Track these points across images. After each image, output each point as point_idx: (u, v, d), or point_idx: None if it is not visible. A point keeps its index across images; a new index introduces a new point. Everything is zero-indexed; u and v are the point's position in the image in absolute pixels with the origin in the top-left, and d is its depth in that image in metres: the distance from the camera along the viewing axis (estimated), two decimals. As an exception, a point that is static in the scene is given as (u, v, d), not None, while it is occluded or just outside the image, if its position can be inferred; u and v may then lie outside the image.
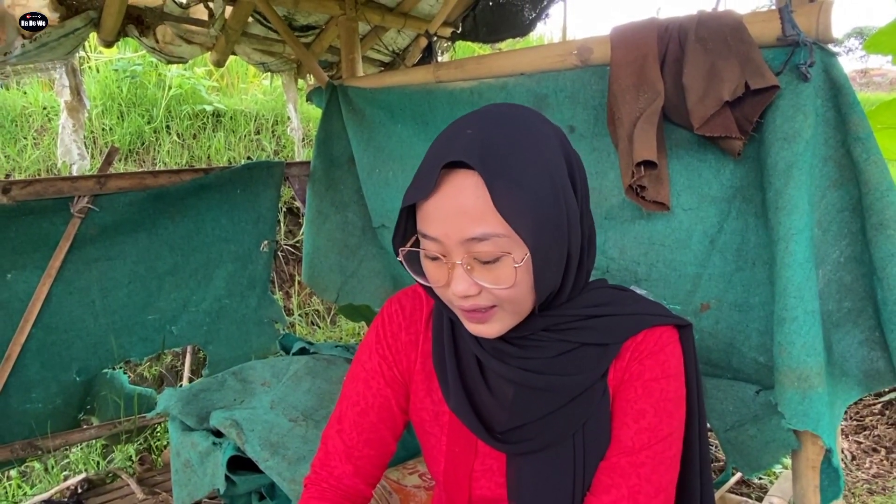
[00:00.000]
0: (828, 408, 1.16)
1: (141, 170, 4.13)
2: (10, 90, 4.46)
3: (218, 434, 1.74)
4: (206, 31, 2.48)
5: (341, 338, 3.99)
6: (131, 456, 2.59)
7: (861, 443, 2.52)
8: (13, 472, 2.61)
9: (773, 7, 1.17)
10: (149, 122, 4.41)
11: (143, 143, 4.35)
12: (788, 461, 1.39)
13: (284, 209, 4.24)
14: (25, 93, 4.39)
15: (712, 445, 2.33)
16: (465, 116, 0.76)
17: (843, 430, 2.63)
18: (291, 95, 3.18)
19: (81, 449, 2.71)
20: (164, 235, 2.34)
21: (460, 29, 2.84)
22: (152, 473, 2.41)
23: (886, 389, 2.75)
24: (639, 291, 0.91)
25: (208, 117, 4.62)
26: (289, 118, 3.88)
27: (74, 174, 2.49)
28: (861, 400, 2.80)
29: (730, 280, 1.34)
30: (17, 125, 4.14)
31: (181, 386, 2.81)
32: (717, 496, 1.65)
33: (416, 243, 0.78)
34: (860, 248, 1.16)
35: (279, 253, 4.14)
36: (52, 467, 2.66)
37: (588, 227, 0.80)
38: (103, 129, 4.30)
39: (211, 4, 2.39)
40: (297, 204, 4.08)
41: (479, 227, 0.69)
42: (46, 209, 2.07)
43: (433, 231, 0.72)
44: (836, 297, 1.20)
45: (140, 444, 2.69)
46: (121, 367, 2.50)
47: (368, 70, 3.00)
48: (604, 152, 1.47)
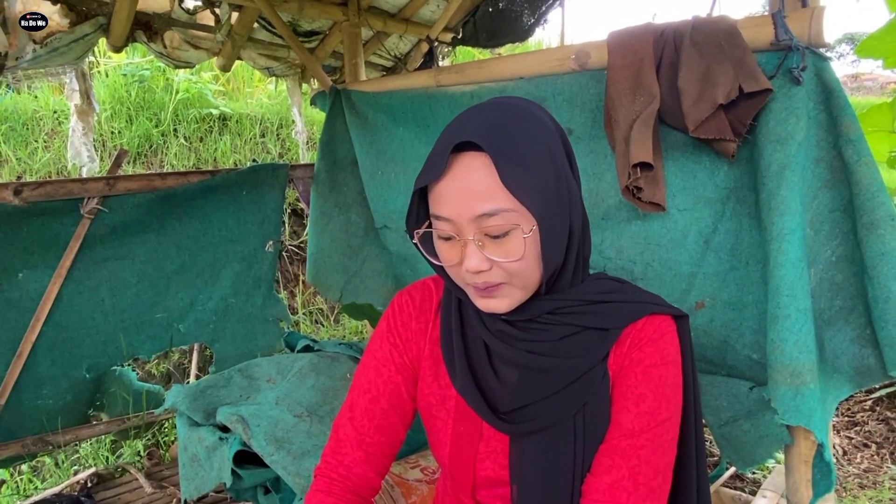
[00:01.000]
0: (820, 404, 1.16)
1: (149, 172, 4.14)
2: (22, 94, 4.46)
3: (224, 429, 1.74)
4: (212, 36, 2.48)
5: (344, 336, 3.99)
6: (140, 451, 2.60)
7: (852, 438, 2.52)
8: (24, 467, 2.62)
9: (767, 12, 1.17)
10: (157, 126, 4.42)
11: (151, 146, 4.35)
12: (781, 456, 1.39)
13: (289, 210, 4.24)
14: (36, 97, 4.40)
15: (707, 441, 2.33)
16: (471, 108, 0.79)
17: (834, 425, 2.63)
18: (296, 99, 3.18)
19: (91, 444, 2.71)
20: (171, 236, 2.34)
21: (461, 34, 2.84)
22: (160, 468, 2.41)
23: (877, 386, 2.75)
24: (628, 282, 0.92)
25: (215, 121, 4.62)
26: (293, 122, 3.88)
27: (84, 176, 2.49)
28: (852, 396, 2.80)
29: (724, 279, 1.34)
30: (28, 128, 4.15)
31: (188, 383, 2.81)
32: (711, 490, 1.65)
33: (430, 228, 0.80)
34: (851, 247, 1.16)
35: (284, 253, 4.15)
36: (63, 462, 2.66)
37: (583, 213, 0.82)
38: (112, 133, 4.30)
39: (217, 10, 2.39)
40: (302, 205, 4.08)
41: (488, 203, 0.72)
42: (57, 210, 2.07)
43: (445, 211, 0.74)
44: (828, 295, 1.20)
45: (148, 439, 2.69)
46: (129, 365, 2.50)
47: (371, 74, 3.00)
48: (601, 154, 1.47)
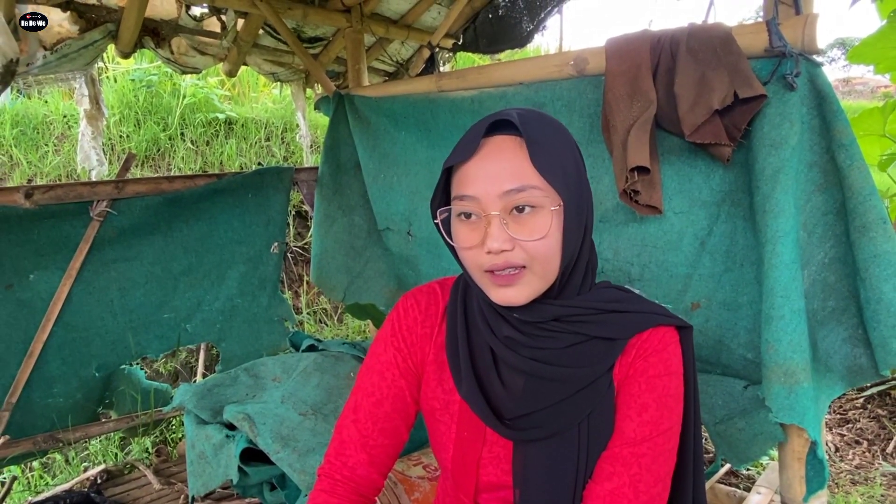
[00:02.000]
0: (813, 402, 1.16)
1: (157, 175, 4.14)
2: (33, 99, 4.47)
3: (231, 427, 1.74)
4: (218, 42, 2.48)
5: (348, 335, 3.99)
6: (148, 448, 2.60)
7: (844, 435, 2.52)
8: (35, 464, 2.62)
9: (761, 19, 1.17)
10: (164, 130, 4.42)
11: (159, 150, 4.36)
12: (775, 453, 1.39)
13: (293, 212, 4.24)
14: (46, 102, 4.40)
15: (702, 438, 2.33)
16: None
17: (827, 423, 2.62)
18: (300, 104, 3.18)
19: (101, 441, 2.71)
20: (179, 238, 2.34)
21: (461, 40, 2.84)
22: (168, 465, 2.41)
23: (868, 384, 2.75)
24: (631, 289, 0.92)
25: (221, 125, 4.62)
26: (298, 126, 3.88)
27: (93, 179, 2.50)
28: (844, 394, 2.79)
29: (719, 280, 1.34)
30: (38, 132, 4.15)
31: (196, 381, 2.81)
32: (706, 487, 1.64)
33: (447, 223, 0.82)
34: (844, 249, 1.16)
35: (289, 254, 4.15)
36: (73, 459, 2.66)
37: (592, 219, 0.84)
38: (121, 137, 4.30)
39: (223, 17, 2.40)
40: (306, 207, 4.08)
41: (517, 179, 0.74)
42: (67, 213, 2.07)
43: (472, 190, 0.75)
44: (821, 296, 1.20)
45: (156, 436, 2.69)
46: (138, 364, 2.51)
47: (374, 80, 3.00)
48: (599, 158, 1.47)
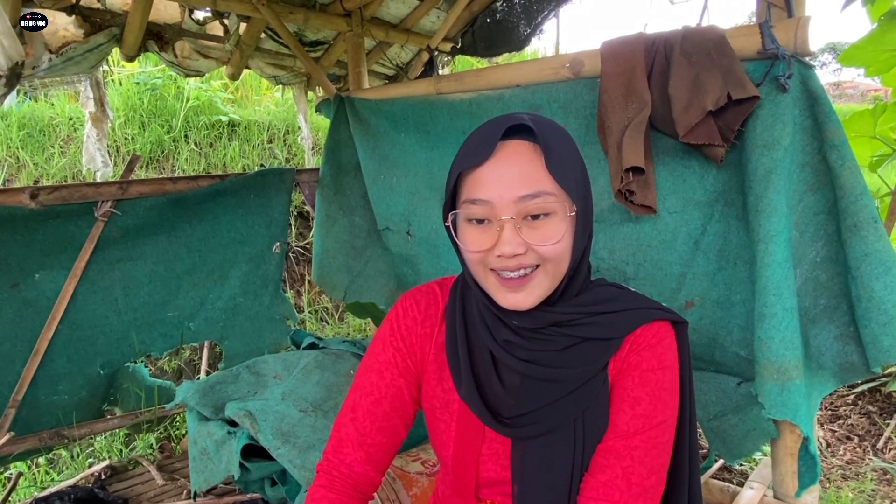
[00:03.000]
0: (805, 398, 1.16)
1: (161, 176, 4.13)
2: (39, 102, 4.46)
3: (233, 424, 1.73)
4: (221, 46, 2.47)
5: (349, 333, 3.98)
6: (152, 444, 2.59)
7: (836, 431, 2.51)
8: (41, 460, 2.61)
9: (754, 22, 1.16)
10: (168, 132, 4.41)
11: (163, 152, 4.35)
12: (768, 449, 1.38)
13: (295, 213, 4.23)
14: (53, 104, 4.39)
15: (697, 431, 2.32)
16: (507, 114, 0.80)
17: (818, 419, 2.62)
18: (302, 107, 3.18)
19: (105, 438, 2.70)
20: (182, 237, 2.34)
21: (460, 44, 2.84)
22: (171, 461, 2.40)
23: (859, 381, 2.74)
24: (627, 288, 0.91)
25: (224, 127, 4.61)
26: (299, 128, 3.88)
27: (98, 180, 2.49)
28: (835, 391, 2.79)
29: (713, 279, 1.34)
30: (45, 135, 4.14)
31: (199, 379, 2.80)
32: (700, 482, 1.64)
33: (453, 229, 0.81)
34: (835, 248, 1.16)
35: (290, 254, 4.14)
36: (78, 455, 2.65)
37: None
38: (126, 139, 4.29)
39: (226, 21, 2.39)
40: (308, 208, 4.08)
41: (533, 185, 0.73)
42: (72, 213, 2.06)
43: (485, 194, 0.74)
44: (813, 294, 1.20)
45: (160, 433, 2.68)
46: (142, 361, 2.49)
47: (374, 83, 2.99)
48: (594, 159, 1.47)
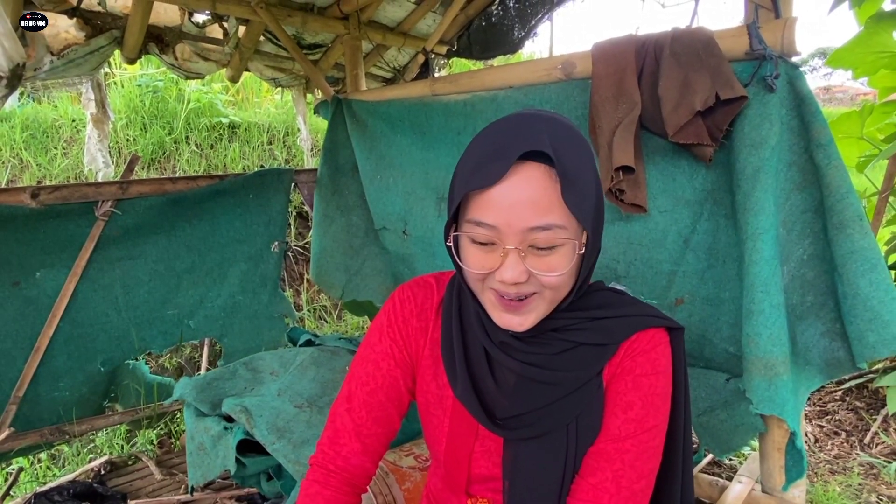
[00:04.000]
0: (792, 394, 1.15)
1: (161, 177, 4.11)
2: (42, 103, 4.44)
3: (229, 419, 1.72)
4: (221, 49, 2.46)
5: (347, 331, 3.97)
6: (152, 440, 2.58)
7: (823, 427, 2.51)
8: (43, 455, 2.59)
9: (742, 24, 1.16)
10: (169, 134, 4.39)
11: (164, 153, 4.33)
12: (756, 443, 1.38)
13: (294, 213, 4.22)
14: (56, 106, 4.38)
15: (692, 435, 2.32)
16: (521, 115, 0.72)
17: (806, 415, 2.62)
18: (301, 108, 3.17)
19: (106, 433, 2.69)
20: (182, 237, 2.32)
21: (455, 47, 2.83)
22: (170, 456, 2.39)
23: (846, 377, 2.74)
24: (618, 287, 0.90)
25: (224, 129, 4.60)
26: (298, 129, 3.87)
27: (100, 181, 2.47)
28: (823, 387, 2.79)
29: (702, 277, 1.33)
30: (48, 136, 4.12)
31: (198, 375, 2.79)
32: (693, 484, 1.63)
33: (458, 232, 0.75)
34: (822, 246, 1.16)
35: (289, 253, 4.13)
36: (79, 451, 2.64)
37: None
38: (128, 140, 4.28)
39: (226, 24, 2.38)
40: (307, 208, 4.06)
41: (545, 217, 0.67)
42: (73, 212, 2.05)
43: (492, 219, 0.67)
44: (800, 291, 1.20)
45: (160, 429, 2.67)
46: (142, 359, 2.48)
47: (371, 85, 2.98)
48: (586, 159, 1.46)
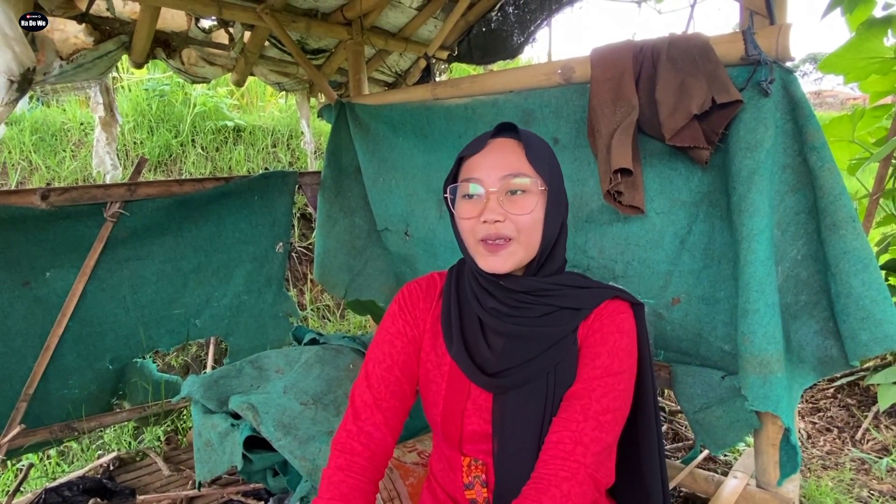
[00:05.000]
0: (786, 391, 1.15)
1: (168, 178, 4.11)
2: (51, 107, 4.44)
3: (236, 416, 1.72)
4: (226, 53, 2.46)
5: (349, 330, 3.97)
6: (159, 436, 2.57)
7: (816, 423, 2.51)
8: (52, 452, 2.59)
9: (738, 29, 1.16)
10: (176, 137, 4.39)
11: (171, 156, 4.33)
12: (751, 439, 1.38)
13: (298, 214, 4.22)
14: (65, 110, 4.37)
15: (682, 426, 2.32)
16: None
17: (799, 411, 2.62)
18: (304, 112, 3.17)
19: (114, 430, 2.68)
20: (188, 237, 2.32)
21: (456, 52, 2.83)
22: (178, 452, 2.39)
23: (839, 375, 2.75)
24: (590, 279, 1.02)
25: (230, 132, 4.60)
26: (302, 133, 3.87)
27: (108, 182, 2.47)
28: (816, 384, 2.79)
29: (698, 276, 1.33)
30: (57, 139, 4.12)
31: (204, 373, 2.79)
32: (685, 472, 1.64)
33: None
34: (815, 246, 1.16)
35: (293, 254, 4.13)
36: (88, 447, 2.64)
37: (566, 219, 0.97)
38: (135, 143, 4.28)
39: (231, 30, 2.38)
40: (310, 209, 4.06)
41: (514, 168, 0.89)
42: (82, 214, 2.05)
43: (478, 174, 0.90)
44: (794, 291, 1.20)
45: (167, 425, 2.67)
46: (150, 357, 2.48)
47: (374, 89, 2.98)
48: (584, 161, 1.46)
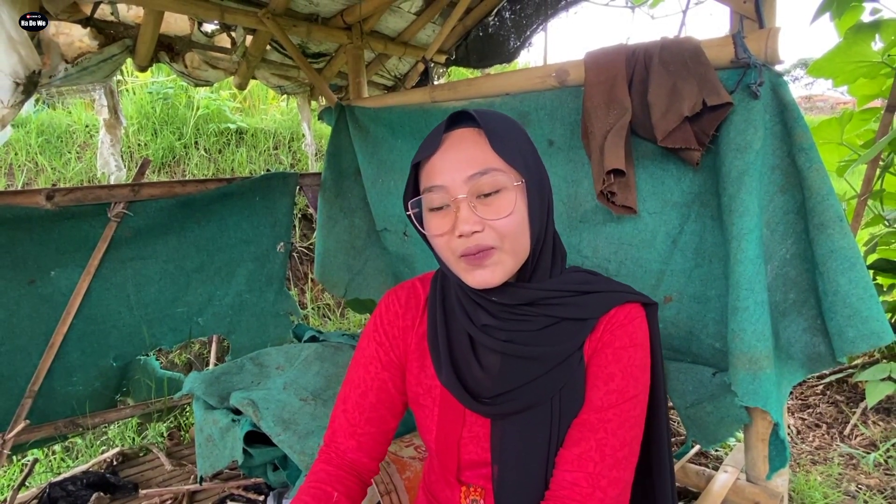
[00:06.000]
0: (776, 387, 1.16)
1: (171, 179, 4.10)
2: (57, 110, 4.43)
3: (237, 412, 1.72)
4: (229, 57, 2.46)
5: (349, 328, 3.96)
6: (162, 432, 2.57)
7: (805, 419, 2.52)
8: (57, 447, 2.59)
9: (728, 34, 1.16)
10: (179, 139, 4.39)
11: (174, 157, 4.33)
12: (741, 435, 1.38)
13: (299, 215, 4.21)
14: (70, 112, 4.37)
15: (674, 421, 2.33)
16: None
17: (789, 408, 2.62)
18: (305, 115, 3.17)
19: (118, 426, 2.68)
20: (191, 237, 2.32)
21: (454, 56, 2.84)
22: (180, 448, 2.38)
23: (827, 372, 2.75)
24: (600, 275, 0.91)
25: (232, 134, 4.60)
26: (303, 135, 3.86)
27: (112, 183, 2.47)
28: (805, 381, 2.79)
29: (689, 275, 1.33)
30: (62, 141, 4.12)
31: (207, 370, 2.78)
32: (677, 467, 1.64)
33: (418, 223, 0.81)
34: (804, 246, 1.16)
35: (294, 253, 4.12)
36: (92, 443, 2.63)
37: (552, 211, 0.83)
38: (139, 145, 4.27)
39: (233, 34, 2.38)
40: (311, 210, 4.05)
41: (480, 164, 0.73)
42: (86, 214, 2.05)
43: (440, 179, 0.74)
44: (783, 289, 1.20)
45: (170, 422, 2.66)
46: (153, 354, 2.48)
47: (373, 92, 2.98)
48: (578, 163, 1.46)
